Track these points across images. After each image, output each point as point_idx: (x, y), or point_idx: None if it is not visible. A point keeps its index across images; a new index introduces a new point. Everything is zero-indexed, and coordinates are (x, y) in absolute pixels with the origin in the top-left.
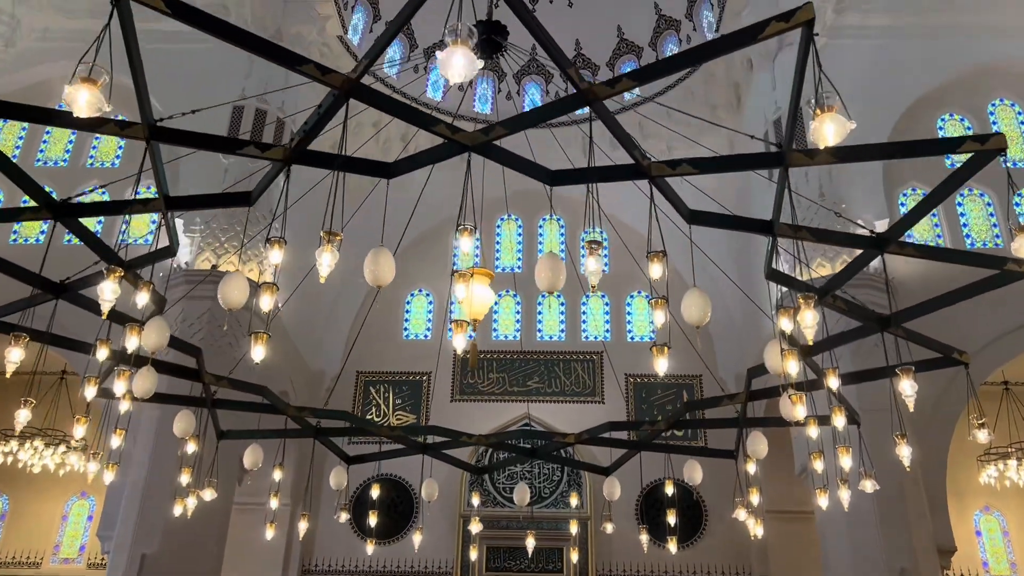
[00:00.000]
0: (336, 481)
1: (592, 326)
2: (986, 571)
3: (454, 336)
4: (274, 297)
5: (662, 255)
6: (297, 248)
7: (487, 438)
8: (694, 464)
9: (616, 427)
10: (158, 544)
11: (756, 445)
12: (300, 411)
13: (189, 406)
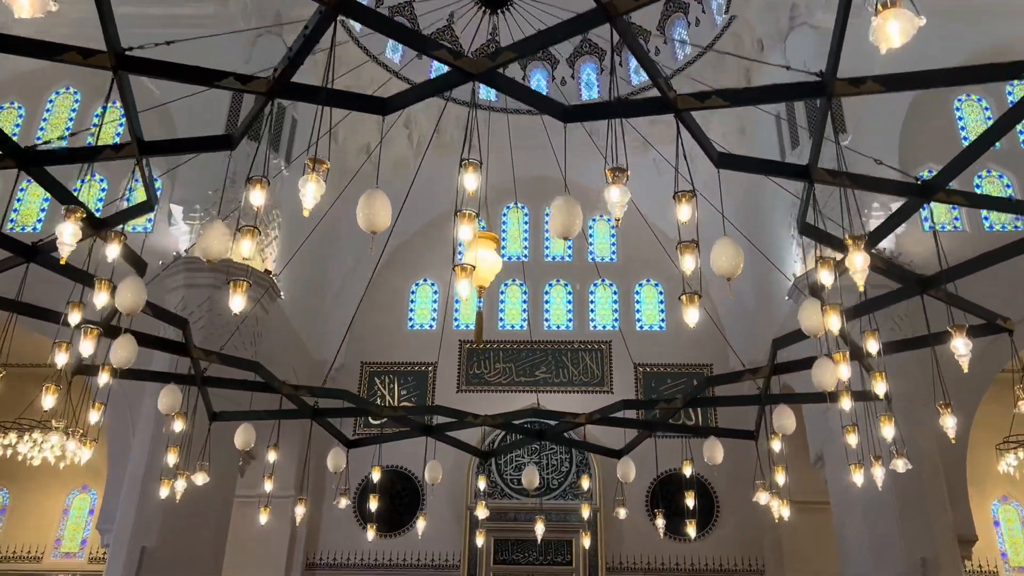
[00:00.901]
0: (334, 464)
1: (600, 315)
2: (1005, 562)
3: (457, 281)
4: (255, 241)
5: (691, 195)
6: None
7: (493, 418)
8: (714, 443)
9: (629, 405)
10: (158, 537)
11: (783, 420)
12: (296, 390)
13: (178, 384)
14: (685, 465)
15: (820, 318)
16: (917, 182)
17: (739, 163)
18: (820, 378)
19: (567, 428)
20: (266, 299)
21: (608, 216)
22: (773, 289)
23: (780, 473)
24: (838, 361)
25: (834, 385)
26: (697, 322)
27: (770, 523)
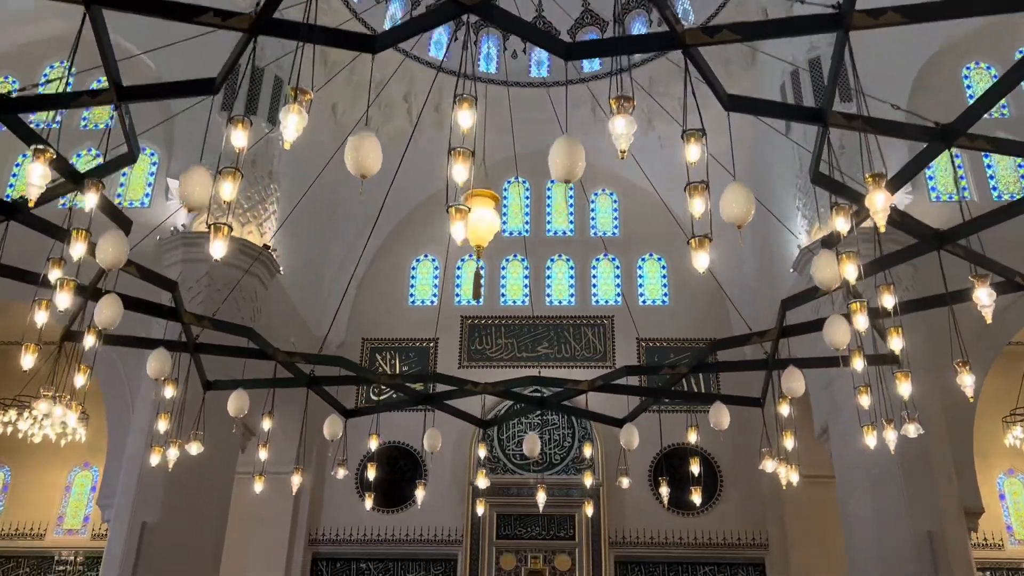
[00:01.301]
0: (331, 431)
1: (602, 290)
2: (1010, 535)
3: (452, 224)
4: (236, 184)
5: (700, 135)
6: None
7: (494, 386)
8: (720, 408)
9: (633, 371)
10: (159, 513)
11: (792, 382)
12: (291, 356)
13: (169, 351)
14: (690, 432)
15: (835, 269)
16: (937, 126)
17: (750, 105)
18: (833, 336)
19: (568, 396)
20: (265, 274)
21: (610, 190)
22: (777, 263)
23: (789, 438)
24: (855, 312)
25: (847, 344)
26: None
27: (774, 497)
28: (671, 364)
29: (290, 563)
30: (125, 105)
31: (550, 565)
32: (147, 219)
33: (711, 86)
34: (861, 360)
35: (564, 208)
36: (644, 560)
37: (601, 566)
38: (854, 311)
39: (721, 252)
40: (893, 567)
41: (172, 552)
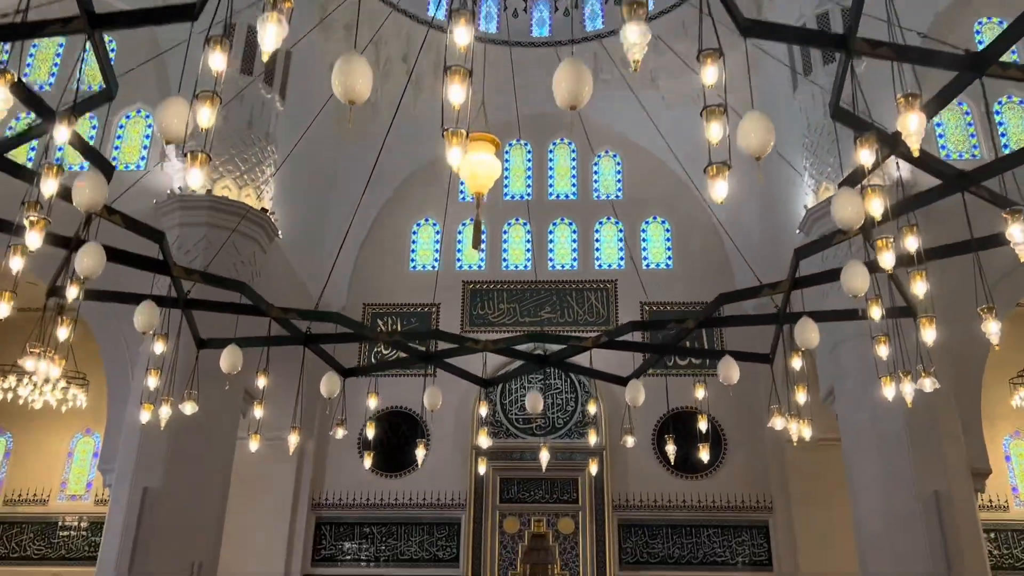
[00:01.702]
0: (328, 389)
1: (606, 253)
2: (1016, 496)
3: (448, 149)
4: (214, 110)
5: (717, 55)
6: (297, 183)
7: (495, 343)
8: (729, 362)
9: (639, 327)
10: (160, 477)
11: (806, 333)
12: (285, 312)
13: (159, 306)
14: (697, 388)
15: (858, 207)
16: (967, 54)
17: (768, 31)
18: (852, 283)
19: (572, 353)
20: (264, 238)
21: (613, 152)
22: (782, 224)
23: (801, 392)
24: (880, 249)
25: (866, 290)
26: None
27: (778, 460)
28: (678, 319)
29: (293, 527)
30: (99, 34)
31: (553, 528)
32: (143, 183)
33: (728, 7)
34: (879, 309)
35: (567, 171)
36: (648, 523)
37: (604, 529)
38: (880, 248)
39: (724, 216)
40: (899, 528)
41: (174, 517)
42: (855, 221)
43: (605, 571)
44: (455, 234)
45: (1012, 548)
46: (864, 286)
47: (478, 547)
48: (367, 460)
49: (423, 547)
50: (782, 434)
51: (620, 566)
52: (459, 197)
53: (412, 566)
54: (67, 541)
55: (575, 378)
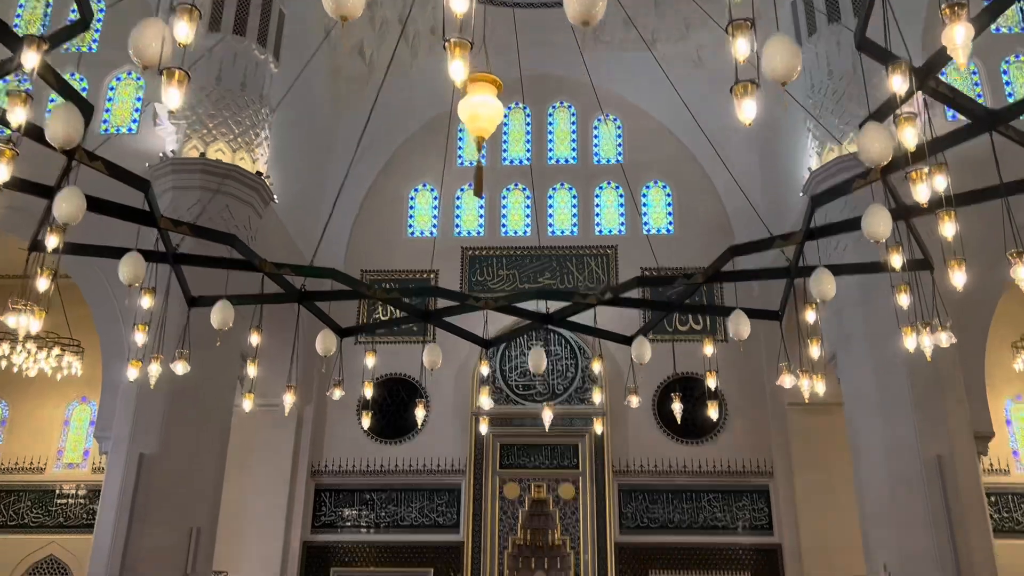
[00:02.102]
0: (323, 347)
1: (606, 219)
2: (1016, 460)
3: (450, 62)
4: (194, 25)
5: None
6: (293, 147)
7: (496, 300)
8: (740, 316)
9: (644, 282)
10: (157, 443)
11: (822, 284)
12: (279, 268)
13: (147, 260)
14: (706, 343)
15: (885, 142)
16: None
17: None
18: (873, 227)
19: (575, 311)
20: (259, 202)
21: (614, 116)
22: (785, 188)
23: (815, 346)
24: (915, 181)
25: (887, 236)
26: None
27: (778, 425)
28: (685, 274)
29: (292, 494)
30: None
31: (554, 494)
32: (136, 147)
33: None
34: (900, 256)
35: (566, 135)
36: (648, 488)
37: (605, 494)
38: (914, 180)
39: (726, 180)
40: (902, 492)
41: (171, 483)
42: (883, 156)
43: (605, 536)
44: (453, 199)
45: (1013, 512)
46: (886, 231)
47: (478, 513)
48: (365, 419)
49: (423, 513)
50: (783, 399)
51: (620, 531)
52: (457, 162)
53: (412, 532)
54: (65, 509)
55: (575, 344)
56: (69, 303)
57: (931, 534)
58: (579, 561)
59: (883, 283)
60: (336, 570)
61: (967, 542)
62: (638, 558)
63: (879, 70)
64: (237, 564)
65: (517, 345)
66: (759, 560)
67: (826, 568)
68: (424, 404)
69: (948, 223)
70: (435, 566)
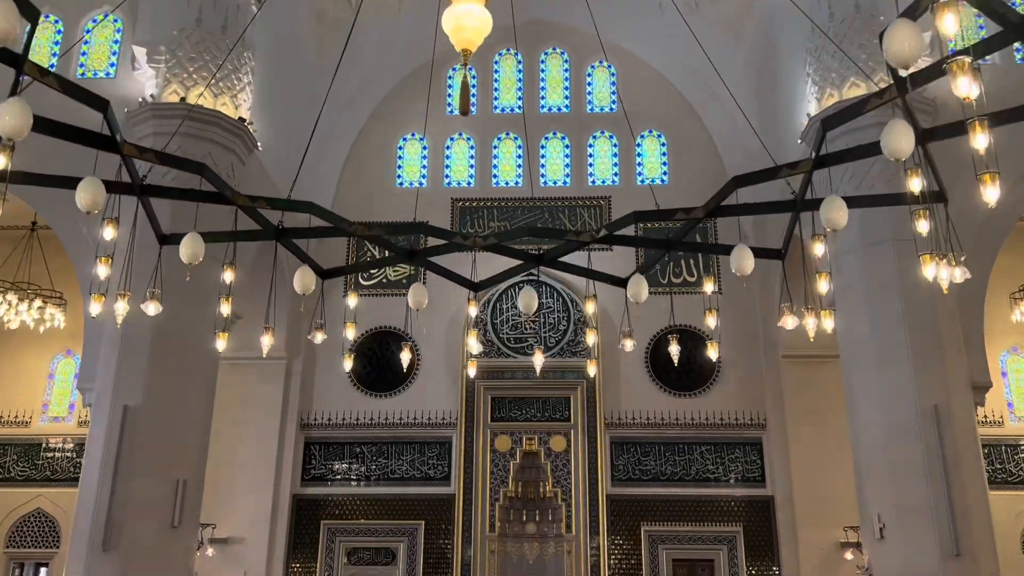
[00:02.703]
0: (302, 285)
1: (599, 169)
2: (1011, 412)
3: None
4: None
5: None
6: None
7: (485, 239)
8: (743, 250)
9: (641, 217)
10: (141, 395)
11: (833, 212)
12: (253, 200)
13: (112, 193)
14: (706, 282)
15: (915, 41)
16: None
17: None
18: (895, 144)
19: (568, 251)
20: (242, 149)
21: (608, 63)
22: (782, 137)
23: (823, 281)
24: (956, 73)
25: (910, 153)
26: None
27: (772, 378)
28: (685, 209)
29: (282, 447)
30: None
31: (545, 447)
32: (113, 91)
33: None
34: (919, 180)
35: (559, 83)
36: (640, 440)
37: (597, 446)
38: (955, 73)
39: (722, 130)
40: (898, 442)
41: (156, 435)
42: (911, 58)
43: (597, 488)
44: (443, 149)
45: (1006, 463)
46: (908, 148)
47: (469, 465)
48: (347, 362)
49: (414, 466)
50: (777, 351)
51: (612, 483)
52: (447, 110)
53: (403, 484)
54: (51, 463)
55: (567, 296)
56: (50, 255)
57: (926, 485)
58: (570, 513)
59: (883, 227)
60: (326, 523)
61: (963, 493)
62: (630, 510)
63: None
64: (226, 517)
65: (508, 297)
66: (751, 512)
67: (818, 520)
68: (410, 348)
69: (980, 134)
70: (426, 518)
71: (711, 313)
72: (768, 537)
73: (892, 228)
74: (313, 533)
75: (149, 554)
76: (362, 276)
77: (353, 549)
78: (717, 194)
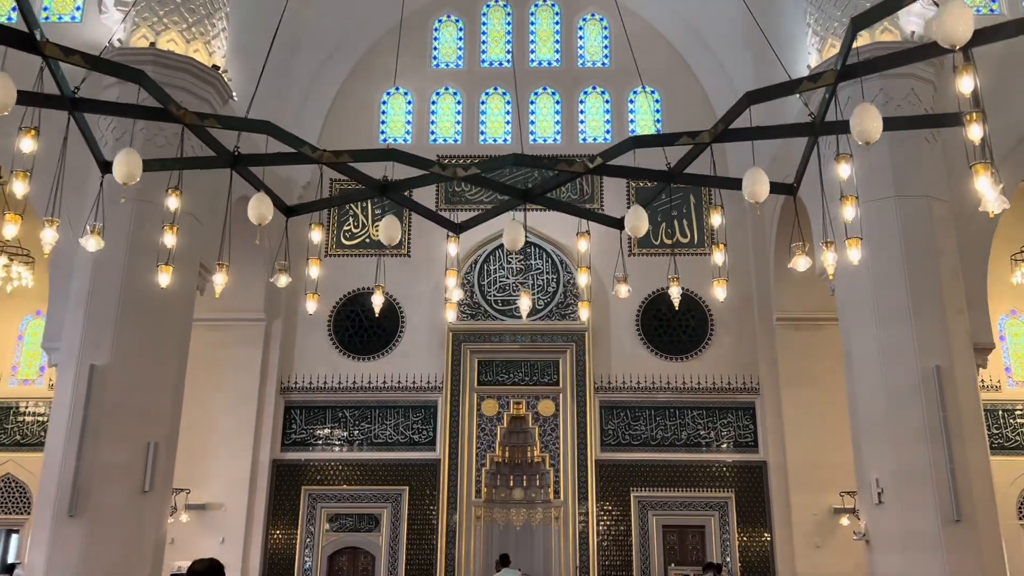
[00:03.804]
0: (257, 214)
1: (590, 127)
2: (1008, 376)
3: None
4: None
5: None
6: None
7: (465, 168)
8: (757, 174)
9: (641, 143)
10: (110, 354)
11: (866, 123)
12: (202, 119)
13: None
14: (713, 212)
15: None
16: None
17: None
18: (953, 29)
19: (558, 184)
20: (216, 99)
21: (600, 15)
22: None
23: (850, 205)
24: None
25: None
26: None
27: (766, 341)
28: (690, 132)
29: (261, 412)
30: None
31: (533, 411)
32: (79, 36)
33: None
34: (970, 78)
35: (549, 36)
36: (630, 404)
37: (586, 411)
38: None
39: (718, 87)
40: (898, 405)
41: (125, 396)
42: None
43: (586, 453)
44: (428, 104)
45: (1003, 428)
46: (967, 33)
47: (455, 430)
48: (311, 303)
49: (398, 431)
50: (771, 313)
51: (601, 448)
52: (432, 63)
53: (387, 449)
54: (21, 427)
55: (556, 258)
56: (19, 212)
57: (927, 447)
58: (558, 479)
59: (885, 183)
60: (307, 488)
61: (963, 457)
62: (619, 476)
63: None
64: (204, 482)
65: (496, 258)
66: (743, 477)
67: (812, 485)
68: (381, 289)
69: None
70: (410, 484)
71: (718, 248)
72: (760, 503)
73: (895, 183)
74: (294, 499)
75: (118, 520)
76: (344, 236)
77: (335, 515)
78: (728, 112)
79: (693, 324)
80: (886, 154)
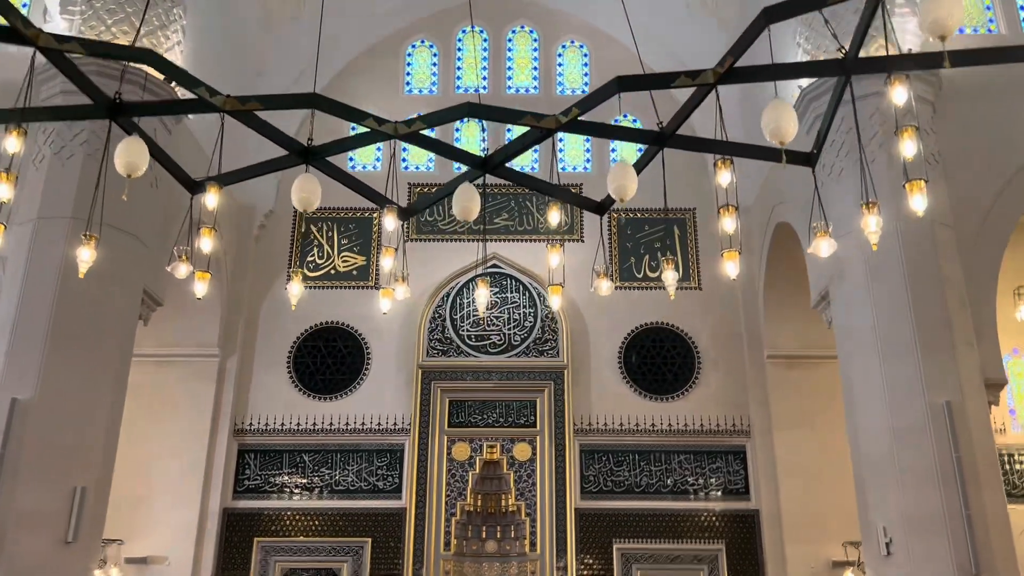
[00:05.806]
0: (126, 163)
1: (570, 155)
2: (1013, 418)
3: None
4: None
5: None
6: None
7: (409, 124)
8: (781, 107)
9: (628, 86)
10: (34, 387)
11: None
12: (61, 43)
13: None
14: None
15: None
16: None
17: None
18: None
19: (524, 148)
20: (169, 118)
21: (580, 42)
22: None
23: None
24: None
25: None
26: None
27: (757, 381)
28: (689, 73)
29: (212, 455)
30: None
31: (508, 455)
32: None
33: None
34: None
35: (527, 63)
36: (613, 448)
37: (565, 455)
38: None
39: (701, 112)
40: (905, 444)
41: (51, 435)
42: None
43: (565, 501)
44: None
45: (1009, 475)
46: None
47: (423, 476)
48: (201, 286)
49: (361, 476)
50: (762, 351)
51: (581, 495)
52: (405, 90)
53: (349, 497)
54: None
55: (534, 290)
56: None
57: (938, 492)
58: (535, 529)
59: (882, 204)
60: (261, 540)
61: (980, 501)
62: (601, 525)
63: None
64: (145, 533)
65: (468, 291)
66: (734, 527)
67: (809, 535)
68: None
69: None
70: (373, 536)
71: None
72: (753, 555)
73: (897, 208)
74: (245, 552)
75: (34, 573)
76: (308, 267)
77: (290, 570)
78: (741, 38)
79: (679, 362)
80: None
